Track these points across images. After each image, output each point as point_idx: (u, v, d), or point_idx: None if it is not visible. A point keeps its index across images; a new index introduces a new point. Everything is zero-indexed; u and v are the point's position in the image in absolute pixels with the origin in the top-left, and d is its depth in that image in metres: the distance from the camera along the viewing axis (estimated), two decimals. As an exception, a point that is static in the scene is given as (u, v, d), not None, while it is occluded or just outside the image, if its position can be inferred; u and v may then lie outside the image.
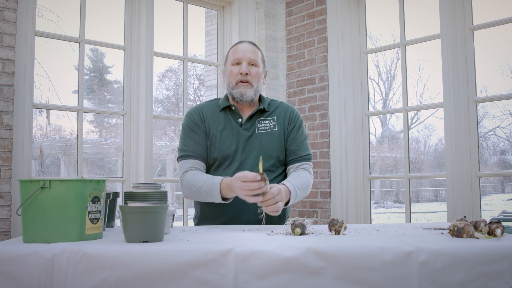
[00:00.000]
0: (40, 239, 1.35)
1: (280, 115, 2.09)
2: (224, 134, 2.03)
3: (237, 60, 2.03)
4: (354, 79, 3.56)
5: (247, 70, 2.01)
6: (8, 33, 2.68)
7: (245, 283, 1.18)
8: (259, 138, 2.03)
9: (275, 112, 2.10)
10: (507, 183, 19.53)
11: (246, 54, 2.03)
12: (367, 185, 3.53)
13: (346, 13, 3.57)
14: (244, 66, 2.01)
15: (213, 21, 4.05)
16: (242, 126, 2.04)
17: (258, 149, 2.01)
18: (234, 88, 2.03)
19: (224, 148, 2.01)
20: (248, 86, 2.01)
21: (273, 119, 2.08)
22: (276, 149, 2.04)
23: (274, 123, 2.07)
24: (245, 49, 2.05)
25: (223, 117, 2.06)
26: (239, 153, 2.01)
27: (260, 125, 2.06)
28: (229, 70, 2.06)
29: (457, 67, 2.95)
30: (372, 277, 1.18)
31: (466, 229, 1.39)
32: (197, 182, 1.90)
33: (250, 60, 2.03)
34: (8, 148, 2.64)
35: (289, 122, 2.09)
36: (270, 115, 2.08)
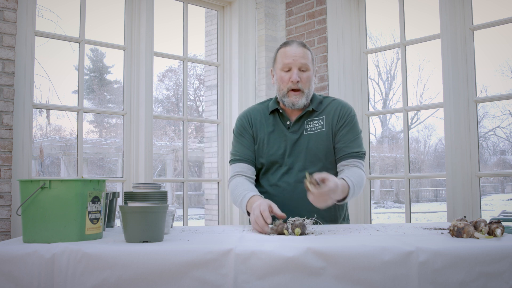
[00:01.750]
0: (40, 239, 1.35)
1: (330, 113, 1.99)
2: (272, 138, 1.99)
3: (287, 66, 1.94)
4: (354, 79, 3.56)
5: (298, 77, 1.92)
6: (8, 33, 2.68)
7: (245, 283, 1.18)
8: (307, 140, 1.97)
9: (325, 111, 2.01)
10: (507, 183, 19.53)
11: (296, 60, 1.93)
12: (367, 185, 3.53)
13: (346, 13, 3.57)
14: (295, 73, 1.92)
15: (213, 21, 4.05)
16: (290, 129, 1.99)
17: (305, 152, 1.95)
18: (285, 96, 1.96)
19: (272, 152, 1.98)
20: (300, 94, 1.94)
21: (322, 118, 1.99)
22: (324, 150, 1.96)
23: (323, 123, 1.98)
24: (295, 53, 1.94)
25: (271, 120, 2.02)
26: (286, 157, 1.96)
27: (309, 126, 1.99)
28: (279, 76, 1.97)
29: (457, 67, 2.95)
30: (372, 277, 1.18)
31: (466, 229, 1.39)
32: (235, 191, 1.94)
33: (301, 65, 1.93)
34: (8, 148, 2.65)
35: (338, 119, 1.98)
36: (319, 115, 2.00)
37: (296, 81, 1.92)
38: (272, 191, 1.98)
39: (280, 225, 1.53)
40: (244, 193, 1.88)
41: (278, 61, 1.99)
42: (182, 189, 3.63)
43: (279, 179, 1.97)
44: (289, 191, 1.94)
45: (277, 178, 1.98)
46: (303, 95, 1.95)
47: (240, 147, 2.03)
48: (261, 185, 2.04)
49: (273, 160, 1.98)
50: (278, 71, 1.98)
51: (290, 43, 1.99)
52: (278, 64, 1.98)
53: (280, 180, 1.97)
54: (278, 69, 1.98)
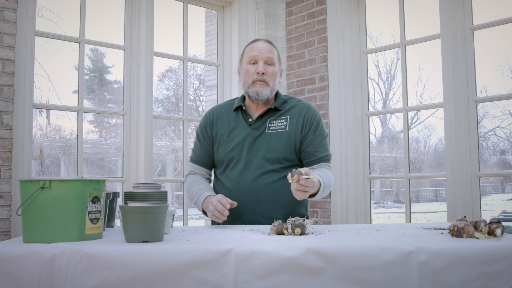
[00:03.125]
0: (40, 239, 1.35)
1: (294, 115, 2.02)
2: (232, 135, 2.03)
3: (253, 59, 2.00)
4: (354, 79, 3.56)
5: (264, 69, 1.98)
6: (8, 33, 2.68)
7: (245, 283, 1.18)
8: (268, 138, 1.99)
9: (290, 112, 2.04)
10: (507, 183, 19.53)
11: (262, 53, 2.00)
12: (367, 185, 3.53)
13: (346, 13, 3.57)
14: (260, 65, 1.99)
15: (213, 21, 4.05)
16: (251, 125, 2.02)
17: (265, 150, 1.98)
18: (250, 87, 2.01)
19: (230, 149, 2.01)
20: (264, 85, 1.99)
21: (286, 118, 2.02)
22: (284, 150, 1.97)
23: (286, 123, 2.01)
24: (261, 47, 2.01)
25: (234, 117, 2.06)
26: (245, 153, 1.99)
27: (271, 124, 2.02)
28: (245, 69, 2.03)
29: (457, 67, 2.95)
30: (372, 277, 1.18)
31: (466, 229, 1.39)
32: (191, 189, 2.07)
33: (267, 59, 2.00)
34: (8, 148, 2.64)
35: (304, 123, 2.01)
36: (283, 115, 2.03)
37: (261, 73, 1.98)
38: (231, 187, 2.00)
39: (280, 225, 1.53)
40: (200, 192, 2.00)
41: (245, 56, 2.07)
42: (182, 189, 3.64)
43: (238, 175, 1.99)
44: (247, 187, 1.96)
45: (236, 174, 2.00)
46: (268, 87, 2.00)
47: (197, 149, 2.14)
48: (221, 181, 2.06)
49: (231, 156, 2.01)
50: (245, 64, 2.04)
51: (258, 40, 2.08)
52: (245, 58, 2.05)
53: (239, 176, 1.99)
54: (245, 63, 2.05)
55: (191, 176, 2.12)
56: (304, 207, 2.07)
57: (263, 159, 1.97)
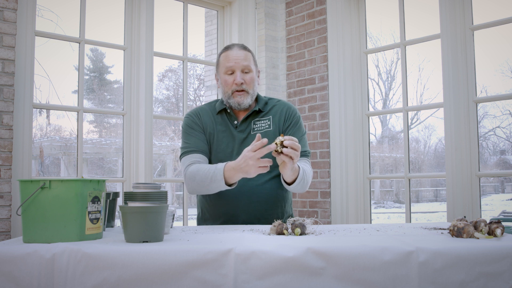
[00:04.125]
0: (40, 239, 1.35)
1: (276, 114, 2.07)
2: (220, 137, 2.04)
3: (229, 69, 2.00)
4: (354, 79, 3.56)
5: (242, 79, 1.98)
6: (8, 33, 2.68)
7: (245, 283, 1.18)
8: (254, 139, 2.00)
9: (271, 112, 2.08)
10: (507, 183, 19.53)
11: (238, 62, 1.99)
12: (367, 185, 3.53)
13: (346, 13, 3.57)
14: (238, 76, 1.98)
15: (213, 21, 4.05)
16: (237, 128, 2.04)
17: None
18: (230, 98, 2.01)
19: (220, 150, 2.02)
20: (245, 94, 2.00)
21: (269, 118, 2.06)
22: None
23: (270, 123, 2.05)
24: (236, 56, 2.00)
25: (220, 120, 2.07)
26: (234, 156, 1.99)
27: (256, 125, 2.05)
28: (223, 80, 2.02)
29: (457, 67, 2.95)
30: (372, 277, 1.18)
31: (466, 229, 1.39)
32: (200, 171, 1.89)
33: (243, 67, 1.99)
34: (8, 148, 2.64)
35: (285, 120, 2.06)
36: (266, 115, 2.07)
37: (240, 83, 1.98)
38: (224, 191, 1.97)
39: (280, 225, 1.53)
40: (214, 166, 1.86)
41: (221, 65, 2.04)
42: (182, 189, 3.63)
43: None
44: (238, 189, 1.96)
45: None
46: (248, 95, 2.01)
47: (192, 139, 2.03)
48: None
49: (221, 158, 2.01)
50: (222, 74, 2.03)
51: (231, 46, 2.05)
52: (222, 68, 2.03)
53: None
54: (222, 73, 2.03)
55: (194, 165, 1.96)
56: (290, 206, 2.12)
57: None
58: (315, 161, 3.63)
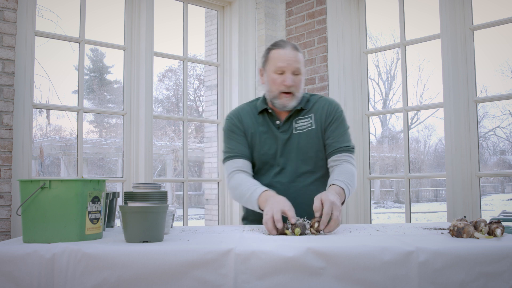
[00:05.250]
0: (40, 239, 1.35)
1: (318, 111, 2.01)
2: (263, 138, 1.99)
3: (280, 69, 1.92)
4: (354, 79, 3.56)
5: (292, 81, 1.92)
6: (8, 33, 2.68)
7: (245, 283, 1.18)
8: (297, 139, 1.98)
9: (313, 109, 2.02)
10: (507, 183, 19.53)
11: (290, 64, 1.92)
12: (367, 185, 3.53)
13: (346, 13, 3.57)
14: (289, 78, 1.91)
15: (213, 21, 4.05)
16: (280, 128, 1.99)
17: (297, 151, 1.97)
18: (276, 98, 1.95)
19: (263, 152, 1.98)
20: (291, 97, 1.94)
21: (310, 116, 2.01)
22: (315, 148, 1.98)
23: (312, 121, 2.00)
24: (289, 57, 1.92)
25: (261, 120, 2.02)
26: (278, 157, 1.97)
27: (297, 124, 2.00)
28: (271, 78, 1.95)
29: (457, 67, 2.95)
30: (372, 277, 1.18)
31: (466, 229, 1.39)
32: (240, 187, 1.87)
33: (295, 69, 1.92)
34: (8, 148, 2.64)
35: (327, 116, 2.00)
36: (307, 113, 2.01)
37: (290, 86, 1.92)
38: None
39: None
40: (253, 188, 1.82)
41: (270, 62, 1.97)
42: (182, 189, 3.64)
43: (272, 179, 1.97)
44: (283, 191, 1.92)
45: (270, 178, 1.97)
46: (294, 98, 1.95)
47: (234, 143, 2.00)
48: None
49: (265, 160, 1.98)
50: (271, 72, 1.96)
51: (283, 45, 1.97)
52: (271, 65, 1.96)
53: (273, 180, 1.97)
54: (271, 70, 1.96)
55: (237, 174, 1.93)
56: None
57: (297, 161, 1.97)
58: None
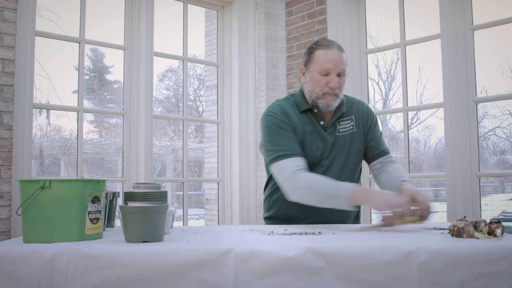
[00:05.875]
0: (40, 239, 1.35)
1: (358, 114, 2.04)
2: (310, 138, 1.96)
3: (326, 71, 1.90)
4: (354, 79, 3.56)
5: (337, 83, 1.91)
6: (8, 33, 2.68)
7: (245, 283, 1.18)
8: (342, 141, 1.98)
9: (352, 111, 2.04)
10: (507, 183, 19.52)
11: (337, 66, 1.90)
12: (368, 185, 3.53)
13: (346, 13, 3.57)
14: (334, 80, 1.90)
15: (213, 21, 4.05)
16: (326, 130, 1.98)
17: (341, 153, 1.97)
18: (320, 98, 1.93)
19: (311, 153, 1.95)
20: (335, 97, 1.93)
21: (351, 118, 2.02)
22: (358, 150, 2.01)
23: (353, 123, 2.02)
24: (336, 59, 1.90)
25: (306, 119, 1.98)
26: (324, 159, 1.96)
27: (340, 126, 2.00)
28: (316, 79, 1.92)
29: (457, 67, 2.95)
30: (372, 277, 1.18)
31: (466, 229, 1.39)
32: (321, 183, 1.78)
33: (340, 71, 1.91)
34: (8, 148, 2.64)
35: (367, 120, 2.05)
36: (347, 115, 2.03)
37: (335, 87, 1.91)
38: None
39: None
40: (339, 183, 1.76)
41: (316, 62, 1.93)
42: (182, 189, 3.64)
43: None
44: None
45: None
46: (337, 99, 1.95)
47: (286, 140, 1.89)
48: None
49: (312, 161, 1.94)
50: (315, 73, 1.92)
51: (331, 46, 1.93)
52: (316, 66, 1.92)
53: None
54: (315, 71, 1.92)
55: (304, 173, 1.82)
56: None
57: (341, 163, 1.97)
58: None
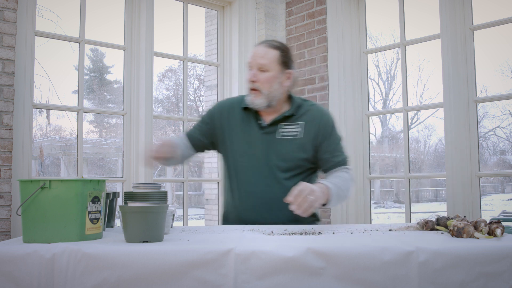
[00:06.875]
0: (40, 239, 1.35)
1: (309, 122, 1.96)
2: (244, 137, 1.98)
3: (249, 65, 1.94)
4: (354, 79, 3.56)
5: (254, 77, 1.91)
6: (8, 33, 2.68)
7: (245, 283, 1.18)
8: (279, 145, 1.94)
9: (304, 117, 1.98)
10: (507, 183, 19.52)
11: (255, 59, 1.92)
12: (367, 185, 3.53)
13: (346, 13, 3.56)
14: (251, 73, 1.92)
15: (213, 21, 4.05)
16: (264, 130, 1.97)
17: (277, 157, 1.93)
18: (248, 95, 1.96)
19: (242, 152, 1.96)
20: (257, 94, 1.91)
21: (300, 125, 1.96)
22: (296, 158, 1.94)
23: (300, 130, 1.95)
24: (256, 53, 1.93)
25: (246, 116, 2.00)
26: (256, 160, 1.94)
27: (283, 130, 1.95)
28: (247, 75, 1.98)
29: (457, 67, 2.95)
30: (372, 277, 1.18)
31: (466, 229, 1.39)
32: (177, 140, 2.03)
33: (259, 65, 1.91)
34: (8, 148, 2.64)
35: (320, 130, 1.96)
36: (297, 120, 1.97)
37: (251, 81, 1.92)
38: (244, 194, 1.96)
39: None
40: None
41: None
42: (182, 189, 3.64)
43: (251, 181, 1.95)
44: (262, 194, 1.93)
45: (249, 180, 1.95)
46: (261, 95, 1.91)
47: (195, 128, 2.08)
48: (233, 188, 1.99)
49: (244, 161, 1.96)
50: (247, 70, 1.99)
51: (261, 43, 1.99)
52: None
53: (252, 183, 1.95)
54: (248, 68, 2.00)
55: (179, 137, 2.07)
56: None
57: (274, 166, 1.93)
58: (315, 161, 3.62)
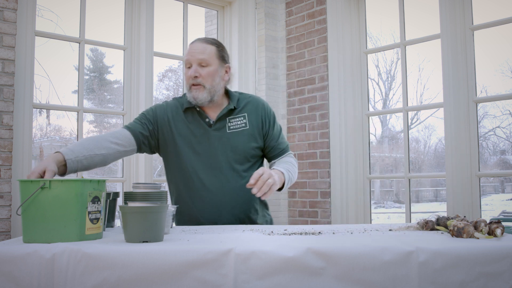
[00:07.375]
0: (40, 239, 1.35)
1: (252, 112, 2.04)
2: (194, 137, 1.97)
3: (188, 62, 1.96)
4: (354, 79, 3.56)
5: (196, 72, 1.93)
6: (8, 33, 2.68)
7: (245, 283, 1.18)
8: (231, 138, 1.98)
9: (246, 109, 2.04)
10: (507, 183, 19.50)
11: (194, 55, 1.94)
12: (367, 185, 3.53)
13: (346, 13, 3.56)
14: (192, 69, 1.93)
15: (213, 21, 4.05)
16: (212, 127, 1.98)
17: (231, 150, 1.97)
18: (189, 92, 1.96)
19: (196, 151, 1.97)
20: (200, 88, 1.93)
21: (244, 116, 2.02)
22: (249, 148, 2.00)
23: (245, 121, 2.02)
24: (194, 49, 1.95)
25: (190, 118, 2.00)
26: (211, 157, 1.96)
27: (231, 123, 2.00)
28: (185, 73, 1.99)
29: (457, 67, 2.95)
30: (372, 277, 1.18)
31: (466, 229, 1.39)
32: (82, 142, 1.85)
33: (199, 61, 1.93)
34: (8, 148, 2.64)
35: (263, 120, 2.04)
36: (240, 112, 2.03)
37: (193, 76, 1.93)
38: (201, 192, 1.96)
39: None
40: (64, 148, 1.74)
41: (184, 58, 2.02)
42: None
43: (207, 179, 1.95)
44: (218, 191, 1.94)
45: (205, 178, 1.95)
46: (204, 90, 1.94)
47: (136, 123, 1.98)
48: (189, 187, 1.99)
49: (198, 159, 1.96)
50: (185, 69, 1.99)
51: (196, 40, 2.00)
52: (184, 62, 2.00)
53: (208, 180, 1.95)
54: (185, 67, 1.99)
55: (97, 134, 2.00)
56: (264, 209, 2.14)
57: (231, 160, 1.96)
58: (315, 161, 3.62)
